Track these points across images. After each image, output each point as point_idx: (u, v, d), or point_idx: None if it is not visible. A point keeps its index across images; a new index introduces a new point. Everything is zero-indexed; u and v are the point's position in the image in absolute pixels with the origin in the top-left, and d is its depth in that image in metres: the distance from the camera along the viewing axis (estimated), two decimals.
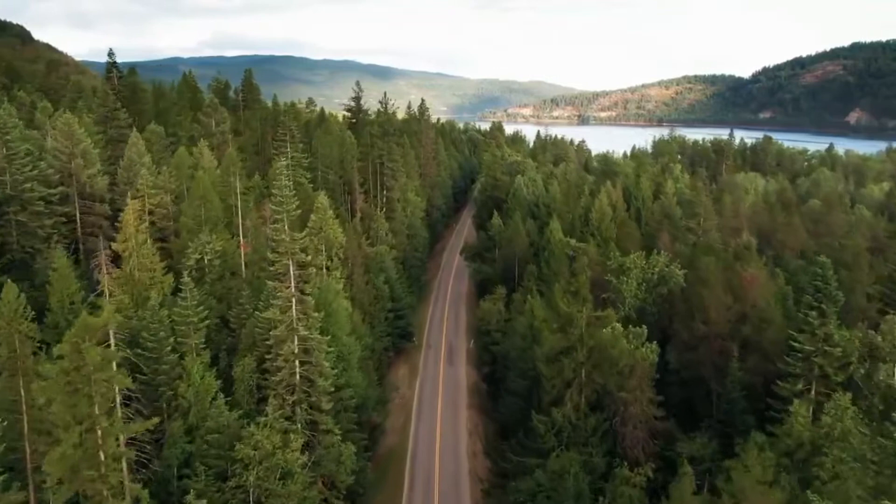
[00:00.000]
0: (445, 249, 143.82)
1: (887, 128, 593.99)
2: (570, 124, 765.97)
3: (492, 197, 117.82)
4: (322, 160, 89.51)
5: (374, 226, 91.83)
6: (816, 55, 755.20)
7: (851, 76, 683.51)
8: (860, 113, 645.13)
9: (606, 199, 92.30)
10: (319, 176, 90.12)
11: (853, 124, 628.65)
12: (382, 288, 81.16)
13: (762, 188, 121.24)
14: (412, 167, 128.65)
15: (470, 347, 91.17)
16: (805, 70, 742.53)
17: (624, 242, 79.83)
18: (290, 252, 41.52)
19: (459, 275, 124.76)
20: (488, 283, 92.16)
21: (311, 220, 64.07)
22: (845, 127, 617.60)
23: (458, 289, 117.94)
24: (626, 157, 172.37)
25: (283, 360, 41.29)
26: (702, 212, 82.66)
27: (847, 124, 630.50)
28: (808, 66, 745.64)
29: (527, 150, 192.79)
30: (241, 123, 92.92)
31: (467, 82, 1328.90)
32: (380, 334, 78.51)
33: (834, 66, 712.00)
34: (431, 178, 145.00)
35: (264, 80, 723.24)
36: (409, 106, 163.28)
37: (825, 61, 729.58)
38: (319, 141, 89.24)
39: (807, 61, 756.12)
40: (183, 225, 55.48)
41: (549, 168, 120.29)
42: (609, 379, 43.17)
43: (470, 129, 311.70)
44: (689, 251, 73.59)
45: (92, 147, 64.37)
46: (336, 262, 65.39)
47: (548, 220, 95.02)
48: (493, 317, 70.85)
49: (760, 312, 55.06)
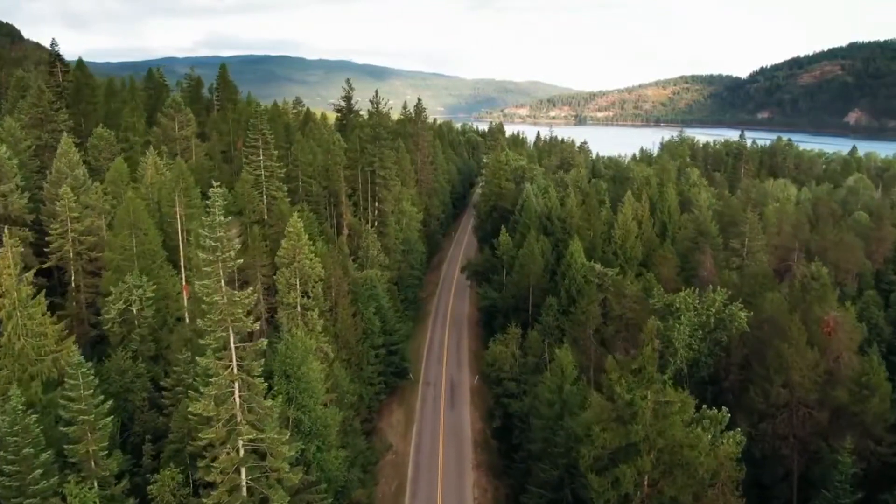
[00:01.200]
0: (444, 262, 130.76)
1: (887, 128, 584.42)
2: (567, 124, 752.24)
3: (496, 207, 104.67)
4: (303, 169, 76.25)
5: (364, 244, 78.68)
6: (814, 55, 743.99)
7: (850, 76, 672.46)
8: (859, 113, 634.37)
9: (631, 213, 79.41)
10: (301, 187, 76.89)
11: (852, 125, 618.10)
12: (372, 321, 68.06)
13: (794, 197, 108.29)
14: (408, 173, 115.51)
15: (474, 384, 78.26)
16: (803, 70, 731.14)
17: (657, 267, 66.89)
18: (230, 318, 28.32)
19: (460, 291, 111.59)
20: (495, 311, 79.06)
21: (281, 249, 50.97)
22: (844, 127, 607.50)
23: (459, 309, 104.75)
24: (636, 161, 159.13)
25: (219, 474, 28.13)
26: (747, 230, 69.60)
27: (846, 125, 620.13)
28: (805, 66, 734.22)
29: (530, 153, 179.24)
30: (209, 126, 79.51)
31: (463, 82, 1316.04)
32: (369, 379, 65.53)
33: (832, 66, 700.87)
34: (429, 185, 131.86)
35: (259, 81, 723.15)
36: (405, 106, 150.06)
37: (823, 61, 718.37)
38: (300, 147, 75.96)
39: (804, 61, 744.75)
40: (108, 262, 42.19)
41: (559, 175, 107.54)
42: (683, 490, 30.14)
43: (468, 130, 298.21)
44: (738, 279, 60.60)
45: (10, 157, 50.99)
46: (313, 298, 52.36)
47: (563, 236, 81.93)
48: (505, 362, 57.57)
49: (855, 373, 42.25)
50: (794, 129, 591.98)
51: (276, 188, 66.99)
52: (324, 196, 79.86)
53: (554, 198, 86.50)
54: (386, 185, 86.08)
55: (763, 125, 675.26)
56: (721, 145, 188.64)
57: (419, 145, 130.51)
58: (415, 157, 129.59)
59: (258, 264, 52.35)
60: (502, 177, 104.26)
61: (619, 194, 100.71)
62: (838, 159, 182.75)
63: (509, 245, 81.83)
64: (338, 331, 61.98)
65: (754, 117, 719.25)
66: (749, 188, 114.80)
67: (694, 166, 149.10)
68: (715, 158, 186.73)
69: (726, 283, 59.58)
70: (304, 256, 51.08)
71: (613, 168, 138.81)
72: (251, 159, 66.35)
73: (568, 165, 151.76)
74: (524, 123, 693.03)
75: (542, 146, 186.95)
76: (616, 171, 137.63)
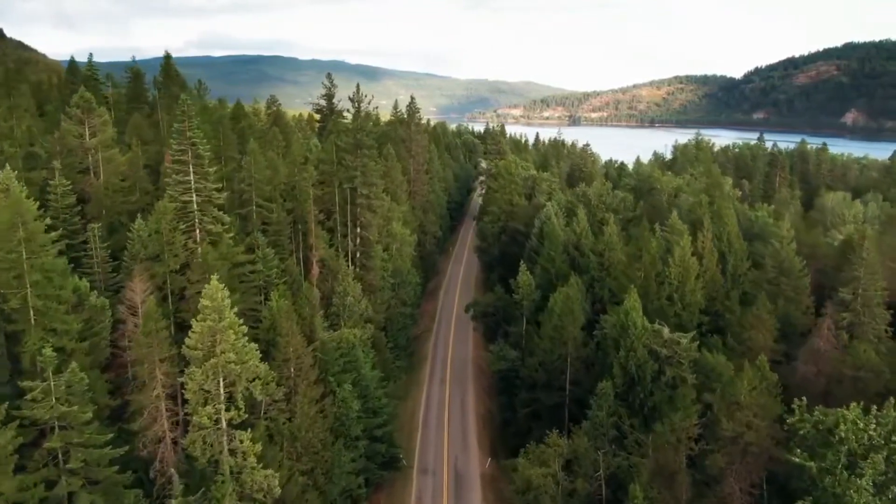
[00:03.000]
0: (442, 287, 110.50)
1: (885, 129, 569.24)
2: (561, 125, 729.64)
3: (506, 229, 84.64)
4: (257, 188, 55.99)
5: (341, 288, 58.47)
6: (809, 55, 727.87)
7: (846, 77, 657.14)
8: (856, 114, 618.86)
9: (688, 245, 59.56)
10: (254, 214, 56.61)
11: (850, 125, 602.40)
12: (348, 403, 48.17)
13: (861, 214, 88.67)
14: (399, 186, 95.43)
15: (486, 468, 58.67)
16: (798, 70, 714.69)
17: (747, 331, 47.10)
18: None
19: (462, 325, 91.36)
20: (515, 379, 59.03)
21: (190, 335, 30.95)
22: (842, 128, 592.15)
23: (461, 352, 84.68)
24: (655, 166, 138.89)
25: None
26: (861, 272, 49.79)
27: (843, 125, 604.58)
28: (801, 66, 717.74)
29: (534, 159, 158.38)
30: (129, 132, 58.94)
31: (456, 82, 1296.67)
32: (345, 488, 45.65)
33: (828, 66, 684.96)
34: (423, 197, 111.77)
35: (251, 81, 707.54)
36: (396, 106, 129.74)
37: (819, 61, 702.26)
38: (253, 159, 55.59)
39: (800, 61, 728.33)
40: None
41: (581, 189, 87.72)
42: None
43: (464, 131, 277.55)
44: (881, 357, 40.87)
45: None
46: (247, 408, 32.46)
47: (600, 274, 61.95)
48: (544, 491, 37.14)
49: None
50: (790, 130, 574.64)
51: (212, 220, 46.66)
52: (288, 223, 59.58)
53: (584, 223, 66.55)
54: (370, 206, 65.93)
55: (759, 125, 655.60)
56: (743, 148, 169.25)
57: (412, 151, 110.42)
58: (407, 165, 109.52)
59: (156, 358, 32.14)
60: (513, 191, 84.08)
61: (651, 215, 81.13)
62: (872, 164, 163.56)
63: (531, 287, 61.84)
64: (294, 431, 41.99)
65: (750, 118, 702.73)
66: (816, 204, 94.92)
67: (729, 175, 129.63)
68: (738, 164, 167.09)
69: (861, 362, 40.04)
70: (229, 346, 31.02)
71: (635, 178, 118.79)
72: (176, 179, 46.00)
73: (579, 173, 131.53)
74: (518, 124, 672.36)
75: (544, 149, 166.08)
76: (638, 181, 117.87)
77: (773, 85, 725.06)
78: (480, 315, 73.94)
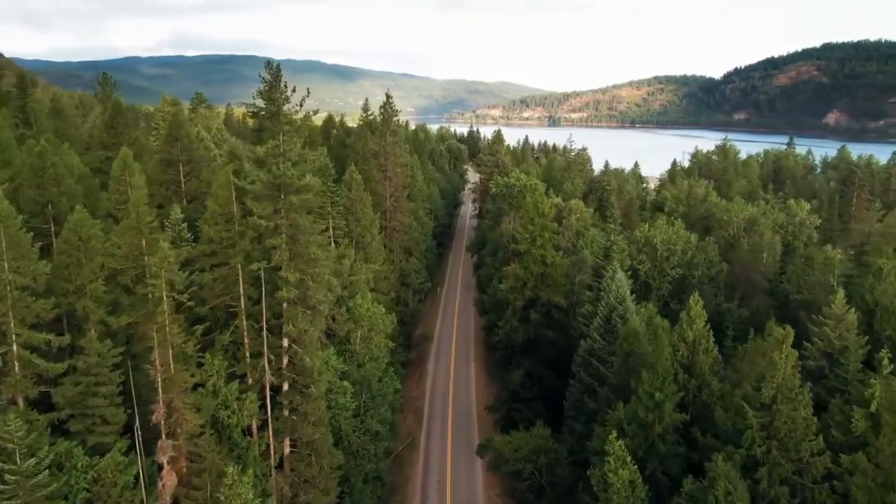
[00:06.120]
0: (427, 373, 74.34)
1: (869, 129, 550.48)
2: (541, 126, 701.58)
3: (536, 301, 52.55)
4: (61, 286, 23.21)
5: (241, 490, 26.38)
6: (788, 55, 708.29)
7: (826, 77, 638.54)
8: (839, 114, 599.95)
9: None
10: None
11: (833, 126, 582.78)
12: None
13: None
14: (369, 226, 63.09)
15: None
16: (778, 71, 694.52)
17: None
18: None
19: (461, 451, 58.31)
20: None
21: None
22: (824, 129, 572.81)
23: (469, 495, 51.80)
24: (696, 183, 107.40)
25: None
26: None
27: (826, 126, 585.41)
28: (780, 66, 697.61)
29: (537, 172, 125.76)
30: None
31: (433, 83, 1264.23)
32: None
33: (808, 66, 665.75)
34: (403, 234, 79.53)
35: (224, 81, 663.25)
36: (367, 107, 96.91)
37: (798, 62, 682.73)
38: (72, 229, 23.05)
39: (779, 62, 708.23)
40: None
41: (644, 232, 56.26)
42: None
43: (447, 136, 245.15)
44: None
45: None
46: None
47: (764, 446, 30.51)
48: None
49: None
50: (773, 131, 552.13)
51: None
52: (111, 357, 26.97)
53: (700, 320, 35.05)
54: (305, 300, 33.63)
55: (740, 126, 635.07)
56: (787, 157, 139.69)
57: (389, 171, 77.99)
58: (382, 188, 77.26)
59: None
60: (547, 243, 51.88)
61: None
62: None
63: (624, 459, 30.22)
64: None
65: (731, 118, 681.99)
66: None
67: (785, 196, 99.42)
68: (777, 176, 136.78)
69: None
70: None
71: (683, 202, 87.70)
72: None
73: (602, 192, 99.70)
74: (497, 125, 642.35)
75: (558, 163, 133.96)
76: (687, 207, 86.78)
77: (753, 85, 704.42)
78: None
